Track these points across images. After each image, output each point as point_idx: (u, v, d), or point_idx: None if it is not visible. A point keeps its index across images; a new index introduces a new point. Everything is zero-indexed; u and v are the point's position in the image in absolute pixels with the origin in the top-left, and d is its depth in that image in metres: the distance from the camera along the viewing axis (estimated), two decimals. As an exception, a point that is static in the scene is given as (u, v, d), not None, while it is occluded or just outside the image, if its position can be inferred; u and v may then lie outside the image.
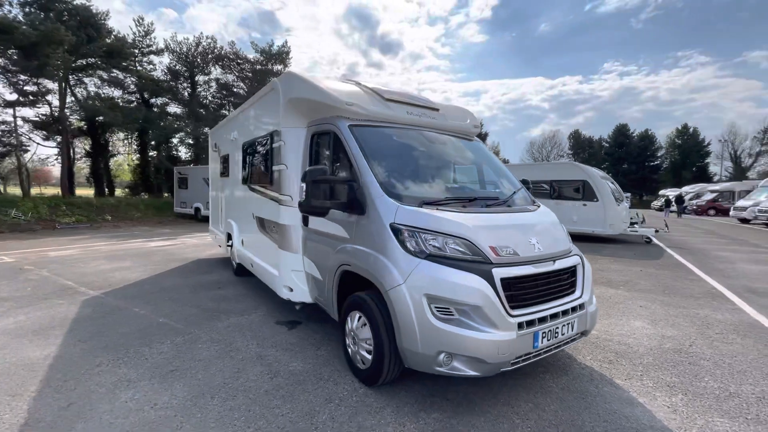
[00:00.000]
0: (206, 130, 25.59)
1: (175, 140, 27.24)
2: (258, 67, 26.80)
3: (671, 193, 38.58)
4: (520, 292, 2.79)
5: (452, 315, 2.63)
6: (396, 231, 2.90)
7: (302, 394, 2.99)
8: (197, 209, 19.08)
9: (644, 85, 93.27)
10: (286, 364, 3.52)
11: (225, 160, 7.33)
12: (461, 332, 2.57)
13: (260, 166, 5.21)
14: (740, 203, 22.31)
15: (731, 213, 23.03)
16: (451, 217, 2.92)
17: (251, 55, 27.12)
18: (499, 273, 2.70)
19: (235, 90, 27.28)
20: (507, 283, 2.72)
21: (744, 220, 21.23)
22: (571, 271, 3.19)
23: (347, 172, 3.58)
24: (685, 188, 38.95)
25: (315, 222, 3.93)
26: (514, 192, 3.89)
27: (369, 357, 3.03)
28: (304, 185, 3.28)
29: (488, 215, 3.15)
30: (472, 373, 2.60)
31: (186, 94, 26.26)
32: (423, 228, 2.84)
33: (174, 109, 26.04)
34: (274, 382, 3.17)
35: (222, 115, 27.45)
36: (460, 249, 2.77)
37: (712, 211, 29.78)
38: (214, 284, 6.43)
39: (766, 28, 73.49)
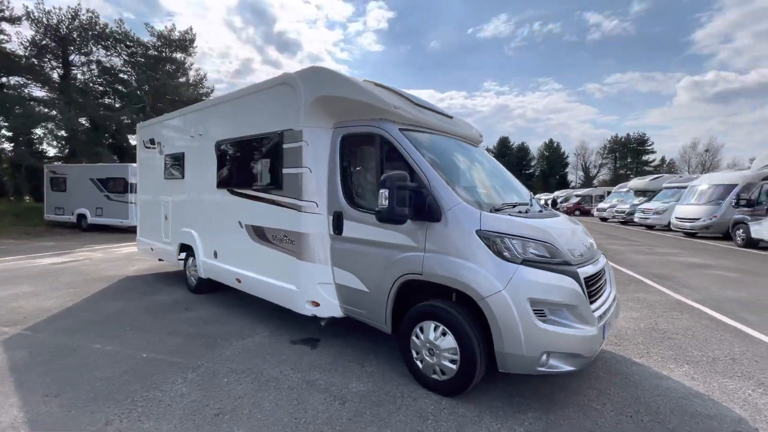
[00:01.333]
0: (82, 120, 21.44)
1: (38, 131, 21.93)
2: (153, 52, 23.31)
3: (545, 197, 45.60)
4: (590, 289, 3.07)
5: (546, 315, 2.76)
6: (485, 238, 2.92)
7: (391, 416, 2.79)
8: (81, 216, 15.80)
9: (515, 104, 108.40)
10: (344, 387, 3.22)
11: (177, 160, 6.28)
12: (563, 331, 2.72)
13: (258, 168, 4.64)
14: (601, 205, 27.55)
15: (594, 213, 28.27)
16: (532, 222, 3.06)
17: (145, 38, 23.51)
18: (581, 273, 2.94)
19: (122, 77, 23.29)
20: (585, 281, 2.97)
21: (603, 219, 26.25)
22: (606, 269, 3.62)
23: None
24: (556, 193, 46.36)
25: (356, 230, 3.68)
26: (532, 198, 4.22)
27: (453, 367, 2.97)
28: (385, 191, 3.05)
29: (547, 220, 3.38)
30: (568, 368, 2.77)
31: (56, 75, 21.39)
32: (513, 234, 2.92)
33: (38, 93, 20.99)
34: (349, 408, 2.88)
35: (106, 105, 23.26)
36: (547, 253, 2.92)
37: (577, 212, 36.05)
38: (176, 305, 5.46)
39: (597, 65, 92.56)
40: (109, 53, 22.52)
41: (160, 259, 7.45)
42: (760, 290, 6.56)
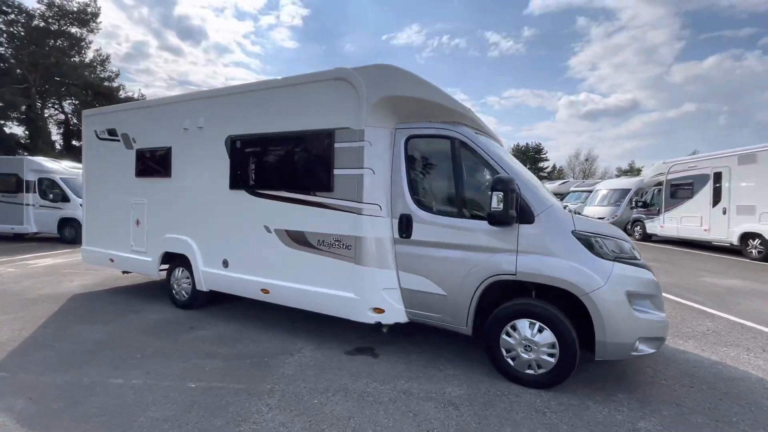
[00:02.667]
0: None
1: None
2: (40, 23, 19.27)
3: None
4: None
5: (636, 306, 3.11)
6: (580, 238, 3.16)
7: (511, 415, 2.85)
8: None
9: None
10: (442, 393, 3.17)
11: (159, 156, 5.40)
12: (649, 318, 3.09)
13: (295, 168, 4.27)
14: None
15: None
16: (605, 223, 3.40)
17: (30, 5, 19.27)
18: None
19: (-5, 49, 18.81)
20: None
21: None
22: None
23: (483, 181, 3.57)
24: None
25: (429, 233, 3.65)
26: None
27: (551, 360, 3.15)
28: (499, 194, 3.07)
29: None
30: (651, 351, 3.14)
31: None
32: (602, 233, 3.21)
33: None
34: (467, 413, 2.86)
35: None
36: (627, 250, 3.28)
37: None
38: (176, 324, 4.71)
39: (496, 80, 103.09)
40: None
41: (124, 272, 6.32)
42: (678, 277, 8.09)
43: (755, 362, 3.85)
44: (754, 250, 10.22)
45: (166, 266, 5.54)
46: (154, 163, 5.52)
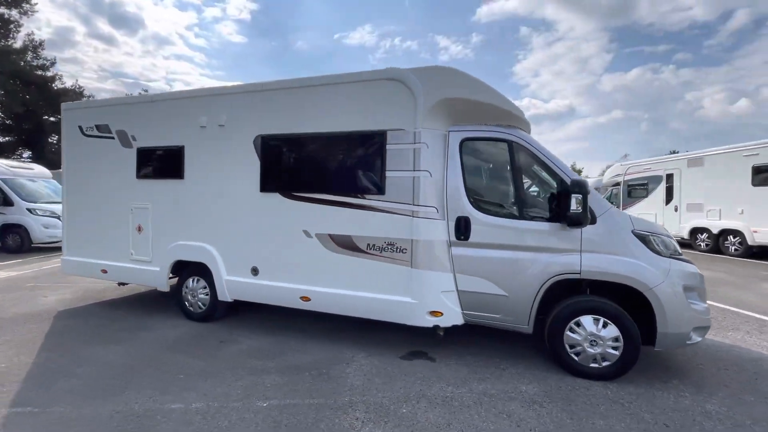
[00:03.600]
0: None
1: None
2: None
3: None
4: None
5: (687, 298, 3.38)
6: (639, 237, 3.37)
7: (597, 408, 2.98)
8: None
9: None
10: (518, 391, 3.24)
11: (168, 155, 4.93)
12: (701, 308, 3.38)
13: (340, 170, 4.12)
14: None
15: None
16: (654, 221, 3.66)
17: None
18: (689, 262, 3.68)
19: None
20: None
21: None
22: None
23: (544, 184, 3.69)
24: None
25: (488, 235, 3.69)
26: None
27: (616, 353, 3.34)
28: (578, 196, 3.16)
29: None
30: (699, 339, 3.44)
31: None
32: (657, 233, 3.46)
33: None
34: (555, 410, 2.95)
35: None
36: (673, 245, 3.56)
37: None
38: (201, 339, 4.35)
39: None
40: None
41: (121, 283, 5.69)
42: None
43: (762, 343, 4.35)
44: (702, 243, 11.49)
45: (172, 276, 5.09)
46: (161, 164, 5.04)
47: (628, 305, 3.41)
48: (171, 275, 5.04)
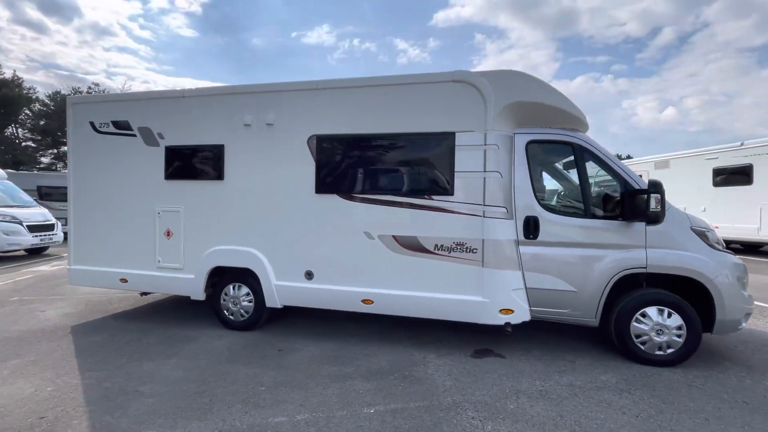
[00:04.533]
0: None
1: None
2: None
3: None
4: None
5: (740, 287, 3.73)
6: (698, 233, 3.68)
7: (680, 392, 3.21)
8: None
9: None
10: (600, 382, 3.40)
11: (206, 155, 4.62)
12: (748, 296, 3.74)
13: (406, 171, 4.10)
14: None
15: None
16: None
17: None
18: (728, 254, 4.06)
19: None
20: None
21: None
22: None
23: (607, 187, 3.90)
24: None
25: (557, 233, 3.86)
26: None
27: (679, 341, 3.61)
28: (657, 196, 3.36)
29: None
30: (745, 324, 3.81)
31: None
32: (709, 229, 3.78)
33: None
34: (645, 396, 3.14)
35: None
36: (721, 240, 3.91)
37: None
38: (256, 348, 4.13)
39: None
40: None
41: (143, 293, 5.23)
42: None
43: (770, 326, 4.89)
44: (669, 238, 12.60)
45: (209, 284, 4.78)
46: (195, 164, 4.72)
47: (684, 296, 3.71)
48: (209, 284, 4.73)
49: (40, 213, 11.04)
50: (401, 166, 4.15)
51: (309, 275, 4.37)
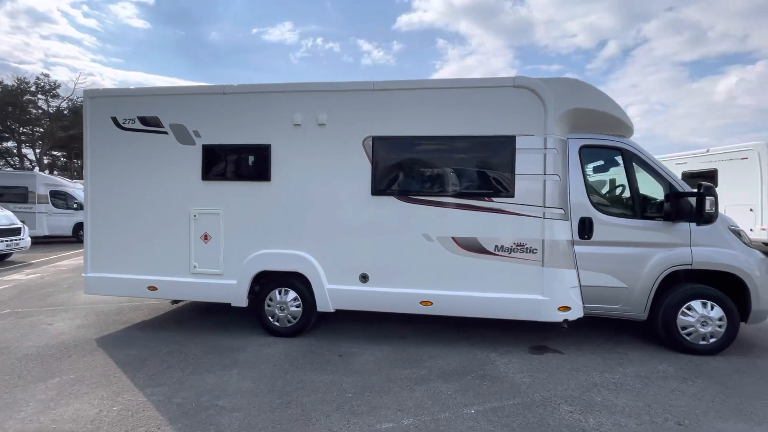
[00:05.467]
0: None
1: None
2: None
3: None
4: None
5: None
6: (734, 232, 4.03)
7: (731, 378, 3.50)
8: None
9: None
10: (659, 371, 3.64)
11: (257, 156, 4.41)
12: (772, 289, 4.15)
13: (467, 174, 4.17)
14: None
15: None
16: (730, 218, 4.38)
17: None
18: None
19: None
20: None
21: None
22: None
23: (653, 188, 4.17)
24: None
25: (610, 233, 4.07)
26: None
27: (721, 330, 3.94)
28: (711, 198, 3.62)
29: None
30: (771, 313, 4.21)
31: None
32: (739, 227, 4.15)
33: None
34: (704, 382, 3.40)
35: None
36: (749, 238, 4.31)
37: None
38: (315, 355, 4.01)
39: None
40: None
41: (174, 301, 4.88)
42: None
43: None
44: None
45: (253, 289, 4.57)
46: (239, 164, 4.50)
47: (719, 289, 4.05)
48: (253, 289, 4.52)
49: (3, 215, 9.97)
50: (460, 168, 4.21)
51: (364, 278, 4.30)
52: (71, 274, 8.17)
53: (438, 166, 4.25)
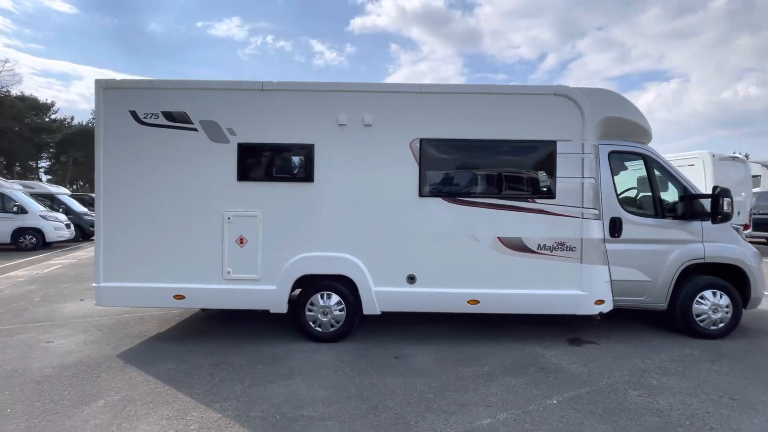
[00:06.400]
0: None
1: None
2: None
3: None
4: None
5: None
6: (736, 229, 4.58)
7: (751, 356, 3.98)
8: None
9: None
10: (691, 354, 4.05)
11: (299, 156, 4.26)
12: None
13: (512, 176, 4.34)
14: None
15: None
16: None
17: None
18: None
19: None
20: None
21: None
22: None
23: (670, 192, 4.62)
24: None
25: (636, 231, 4.46)
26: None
27: (729, 316, 4.46)
28: (728, 199, 4.06)
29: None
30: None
31: None
32: (738, 225, 4.73)
33: None
34: (730, 362, 3.84)
35: None
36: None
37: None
38: (372, 358, 3.95)
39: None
40: None
41: (204, 309, 4.51)
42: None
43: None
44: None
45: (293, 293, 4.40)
46: (279, 164, 4.34)
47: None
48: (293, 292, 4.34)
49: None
50: (505, 170, 4.37)
51: (411, 279, 4.32)
52: (35, 286, 7.26)
53: (483, 168, 4.39)
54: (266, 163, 4.33)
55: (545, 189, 4.31)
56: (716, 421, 2.83)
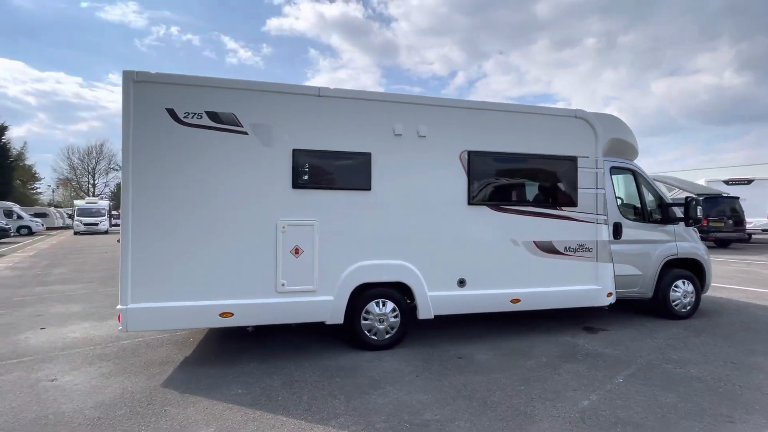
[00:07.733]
0: None
1: None
2: None
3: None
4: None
5: (700, 265, 6.00)
6: (694, 230, 5.75)
7: (722, 328, 5.03)
8: None
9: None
10: (686, 337, 4.97)
11: (357, 164, 4.20)
12: (708, 269, 6.04)
13: (545, 187, 4.88)
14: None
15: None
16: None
17: None
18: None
19: None
20: None
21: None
22: None
23: (652, 201, 5.61)
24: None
25: (631, 234, 5.34)
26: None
27: (693, 300, 5.57)
28: (700, 208, 5.03)
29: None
30: (704, 286, 6.10)
31: None
32: (695, 227, 5.93)
33: None
34: (715, 337, 4.83)
35: None
36: (690, 236, 6.16)
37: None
38: (434, 362, 4.08)
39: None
40: None
41: (249, 328, 4.09)
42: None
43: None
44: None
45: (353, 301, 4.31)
46: (337, 172, 4.25)
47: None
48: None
49: None
50: (538, 181, 4.91)
51: (461, 283, 4.56)
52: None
53: (521, 179, 4.87)
54: (323, 170, 4.22)
55: (570, 198, 4.93)
56: (738, 381, 3.60)
